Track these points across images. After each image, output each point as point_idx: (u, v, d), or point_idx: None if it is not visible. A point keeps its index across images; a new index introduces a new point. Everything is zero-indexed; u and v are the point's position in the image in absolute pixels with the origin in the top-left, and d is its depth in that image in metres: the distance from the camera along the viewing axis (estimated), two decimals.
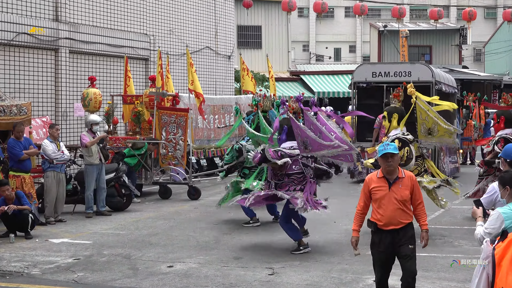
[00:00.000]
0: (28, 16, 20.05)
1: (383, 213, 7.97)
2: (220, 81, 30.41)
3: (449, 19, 61.93)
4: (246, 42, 44.55)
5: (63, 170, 15.36)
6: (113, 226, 14.73)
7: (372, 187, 8.05)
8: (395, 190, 7.91)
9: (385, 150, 7.84)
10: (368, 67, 22.57)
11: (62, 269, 10.88)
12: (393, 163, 7.89)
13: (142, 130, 19.93)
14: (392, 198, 7.91)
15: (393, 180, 7.95)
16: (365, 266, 10.68)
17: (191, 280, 10.04)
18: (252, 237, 13.26)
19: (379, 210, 8.00)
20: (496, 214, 6.49)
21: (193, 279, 10.07)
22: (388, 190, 7.92)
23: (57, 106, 21.10)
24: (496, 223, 6.48)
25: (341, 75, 43.76)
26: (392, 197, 7.91)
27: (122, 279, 10.21)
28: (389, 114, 13.70)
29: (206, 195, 19.30)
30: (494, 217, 6.51)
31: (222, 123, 22.99)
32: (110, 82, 23.34)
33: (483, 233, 6.54)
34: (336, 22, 66.17)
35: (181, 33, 27.61)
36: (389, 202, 7.91)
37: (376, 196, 7.99)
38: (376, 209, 8.03)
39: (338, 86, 42.36)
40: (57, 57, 21.08)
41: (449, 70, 40.09)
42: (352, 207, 14.77)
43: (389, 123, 13.68)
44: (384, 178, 7.98)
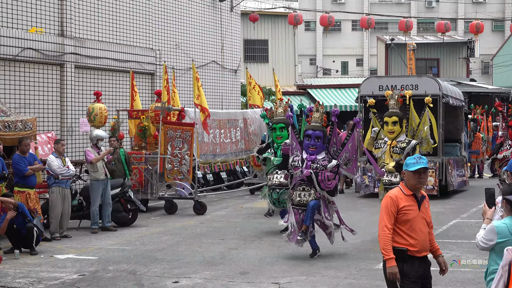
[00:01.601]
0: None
1: (417, 237, 7.03)
2: (226, 95, 30.45)
3: (456, 32, 61.95)
4: (253, 56, 44.62)
5: (68, 185, 15.38)
6: (119, 241, 14.73)
7: (402, 207, 7.03)
8: (423, 210, 7.14)
9: (418, 165, 7.02)
10: (374, 81, 22.58)
11: (67, 285, 10.87)
12: (424, 180, 7.08)
13: (148, 145, 19.95)
14: (422, 219, 7.09)
15: (420, 198, 7.16)
16: (372, 281, 10.66)
17: None
18: (258, 252, 13.24)
19: (412, 233, 7.02)
20: (491, 227, 6.51)
21: None
22: (418, 211, 7.07)
23: (63, 121, 21.15)
24: (490, 236, 6.53)
25: (348, 89, 43.73)
26: (422, 218, 7.10)
27: None
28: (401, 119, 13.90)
29: (212, 210, 19.28)
30: (488, 230, 6.54)
31: (228, 137, 23.00)
32: (116, 97, 23.40)
33: (480, 242, 6.59)
34: (343, 36, 66.22)
35: (187, 48, 27.69)
36: (421, 224, 7.08)
37: (408, 217, 7.01)
38: (407, 233, 7.02)
39: (345, 100, 42.35)
40: (62, 72, 21.15)
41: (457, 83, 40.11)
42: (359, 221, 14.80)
43: (401, 128, 13.87)
44: (413, 196, 7.09)
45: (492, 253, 6.61)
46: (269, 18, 44.68)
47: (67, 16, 21.38)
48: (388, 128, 13.91)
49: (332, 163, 12.30)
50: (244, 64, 37.12)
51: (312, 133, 12.39)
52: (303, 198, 12.39)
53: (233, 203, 21.08)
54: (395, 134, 13.85)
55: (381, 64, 51.08)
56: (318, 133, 12.38)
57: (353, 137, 12.71)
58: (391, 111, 14.02)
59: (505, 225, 6.50)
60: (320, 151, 12.42)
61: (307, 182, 12.37)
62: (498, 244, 6.48)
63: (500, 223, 6.54)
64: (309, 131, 12.45)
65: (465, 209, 18.75)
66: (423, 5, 65.20)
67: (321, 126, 12.53)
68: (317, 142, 12.36)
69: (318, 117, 12.63)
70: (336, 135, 12.86)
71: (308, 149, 12.41)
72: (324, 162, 12.31)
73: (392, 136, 13.86)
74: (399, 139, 13.80)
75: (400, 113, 14.04)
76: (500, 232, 6.48)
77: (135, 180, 18.79)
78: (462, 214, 17.91)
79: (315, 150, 12.38)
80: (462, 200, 21.11)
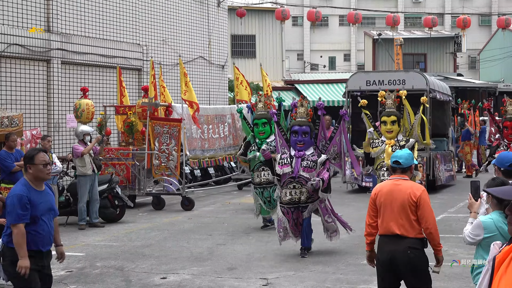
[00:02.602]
0: (19, 27, 20.04)
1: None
2: (213, 91, 30.43)
3: (443, 27, 62.10)
4: (240, 52, 44.57)
5: (55, 182, 15.33)
6: (106, 237, 14.70)
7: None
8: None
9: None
10: (362, 76, 22.62)
11: (55, 281, 10.79)
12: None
13: (135, 141, 19.91)
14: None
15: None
16: (359, 275, 10.68)
17: None
18: (246, 247, 13.24)
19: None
20: (478, 222, 6.54)
21: None
22: None
23: (49, 117, 21.08)
24: (477, 231, 6.56)
25: (336, 84, 43.76)
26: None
27: None
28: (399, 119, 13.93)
29: (200, 206, 19.27)
30: (475, 225, 6.57)
31: (216, 133, 22.97)
32: (103, 93, 23.33)
33: (468, 237, 6.62)
34: (331, 31, 66.29)
35: (174, 43, 27.63)
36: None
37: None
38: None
39: (333, 95, 42.37)
40: (49, 68, 21.07)
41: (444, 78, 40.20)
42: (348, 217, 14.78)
43: (399, 127, 13.86)
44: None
45: (479, 248, 6.64)
46: (256, 14, 44.66)
47: (53, 12, 21.28)
48: (386, 127, 13.85)
49: (321, 158, 12.17)
50: (231, 59, 37.08)
51: (298, 129, 12.14)
52: (294, 196, 12.16)
53: (220, 198, 21.07)
54: (393, 134, 13.81)
55: (368, 59, 51.16)
56: (305, 128, 12.14)
57: (340, 130, 12.52)
58: (389, 111, 13.97)
59: (492, 220, 6.52)
60: (308, 147, 12.23)
61: (297, 180, 12.13)
62: (485, 239, 6.50)
63: (486, 218, 6.56)
64: (295, 127, 12.18)
65: (452, 204, 18.82)
66: (410, 0, 65.39)
67: (307, 121, 12.28)
68: (305, 137, 12.13)
69: (303, 112, 12.32)
70: (324, 129, 12.72)
71: (296, 146, 12.18)
72: (313, 157, 12.14)
73: (390, 135, 13.80)
74: (397, 138, 13.80)
75: (398, 112, 14.05)
76: (487, 227, 6.51)
77: (122, 176, 18.75)
78: (450, 208, 17.97)
79: (303, 146, 12.16)
80: (449, 194, 21.19)
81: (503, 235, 6.39)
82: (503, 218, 6.44)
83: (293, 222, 12.26)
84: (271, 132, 14.97)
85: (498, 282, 3.62)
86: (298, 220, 12.30)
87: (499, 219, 6.48)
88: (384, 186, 7.55)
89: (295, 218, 12.26)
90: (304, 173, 12.04)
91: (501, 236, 6.39)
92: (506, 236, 6.37)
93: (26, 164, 7.29)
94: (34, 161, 7.24)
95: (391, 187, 7.43)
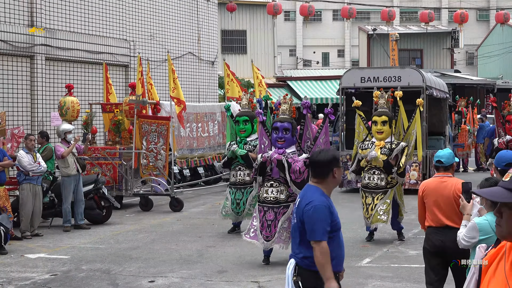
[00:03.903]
0: (1, 22, 19.98)
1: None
2: (203, 88, 30.41)
3: (440, 22, 62.22)
4: (231, 47, 44.58)
5: (39, 182, 15.28)
6: (92, 240, 14.68)
7: None
8: None
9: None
10: (356, 72, 22.64)
11: (39, 285, 10.82)
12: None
13: (122, 140, 19.89)
14: None
15: None
16: (354, 278, 10.70)
17: None
18: (237, 249, 13.25)
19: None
20: (472, 225, 6.59)
21: None
22: None
23: (33, 115, 21.03)
24: (472, 233, 6.60)
25: (329, 81, 43.82)
26: None
27: None
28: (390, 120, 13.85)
29: (189, 207, 19.26)
30: (470, 227, 6.61)
31: (206, 131, 22.97)
32: (88, 90, 23.29)
33: (462, 240, 6.66)
34: (324, 26, 66.34)
35: (162, 39, 27.61)
36: None
37: None
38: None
39: (326, 92, 42.42)
40: (32, 64, 21.02)
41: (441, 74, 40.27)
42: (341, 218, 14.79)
43: (390, 128, 13.75)
44: None
45: (474, 250, 6.67)
46: (247, 8, 44.65)
47: (37, 6, 21.22)
48: (377, 127, 13.72)
49: (302, 156, 11.59)
50: (221, 55, 37.07)
51: (280, 125, 11.67)
52: (270, 195, 11.79)
53: (210, 199, 21.07)
54: (384, 135, 13.68)
55: (363, 55, 51.22)
56: (286, 125, 11.65)
57: (326, 131, 11.86)
58: (381, 111, 13.87)
59: (487, 222, 6.56)
60: (289, 145, 11.72)
61: (275, 178, 11.78)
62: (481, 241, 6.53)
63: (481, 220, 6.60)
64: (276, 123, 11.74)
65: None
66: None
67: (289, 117, 11.84)
68: (285, 134, 11.64)
69: (286, 109, 11.88)
70: (310, 129, 12.38)
71: (276, 143, 11.71)
72: (294, 156, 11.62)
73: (380, 136, 13.67)
74: (387, 140, 13.71)
75: (390, 113, 13.99)
76: (482, 229, 6.55)
77: (109, 176, 18.73)
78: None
79: (284, 144, 11.65)
80: None
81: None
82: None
83: (266, 224, 11.82)
84: (253, 131, 14.85)
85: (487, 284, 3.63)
86: (273, 222, 11.81)
87: (494, 220, 6.50)
88: (430, 183, 8.52)
89: (269, 220, 11.81)
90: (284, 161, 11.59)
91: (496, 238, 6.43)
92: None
93: (333, 168, 6.31)
94: (339, 164, 6.47)
95: (437, 184, 8.38)
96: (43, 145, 16.75)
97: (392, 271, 11.21)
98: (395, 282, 10.48)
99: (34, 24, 21.12)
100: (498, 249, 3.71)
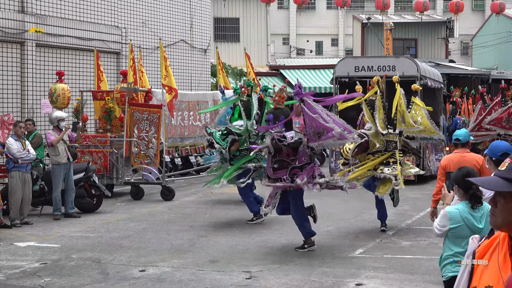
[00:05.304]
0: None
1: None
2: (195, 76, 30.37)
3: (435, 11, 62.19)
4: (223, 35, 44.49)
5: (28, 170, 15.25)
6: (82, 228, 14.67)
7: None
8: None
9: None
10: (350, 61, 22.65)
11: (28, 274, 10.81)
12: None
13: (113, 128, 19.86)
14: None
15: None
16: (346, 269, 10.72)
17: (164, 285, 10.01)
18: (229, 239, 13.25)
19: None
20: (444, 213, 6.67)
21: (166, 284, 10.04)
22: None
23: (23, 102, 20.98)
24: (443, 222, 6.68)
25: (323, 70, 43.78)
26: None
27: (92, 284, 10.16)
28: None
29: (181, 196, 19.27)
30: (442, 216, 6.70)
31: (197, 120, 22.95)
32: (79, 77, 23.24)
33: (435, 228, 6.74)
34: (318, 14, 66.22)
35: (154, 26, 27.54)
36: None
37: None
38: None
39: (320, 81, 42.41)
40: (23, 50, 20.96)
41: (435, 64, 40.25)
42: (334, 208, 14.86)
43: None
44: None
45: (446, 239, 6.81)
46: None
47: None
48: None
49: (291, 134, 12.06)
50: (214, 43, 37.00)
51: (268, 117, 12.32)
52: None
53: (202, 188, 21.00)
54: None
55: (357, 44, 51.18)
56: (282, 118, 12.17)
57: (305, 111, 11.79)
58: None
59: (458, 211, 6.64)
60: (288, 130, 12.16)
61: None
62: (451, 229, 6.66)
63: (452, 209, 6.68)
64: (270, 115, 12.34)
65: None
66: None
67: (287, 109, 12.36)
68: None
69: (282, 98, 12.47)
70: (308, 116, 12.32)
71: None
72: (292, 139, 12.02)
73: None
74: None
75: None
76: (453, 217, 6.63)
77: (99, 165, 18.70)
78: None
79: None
80: None
81: (468, 226, 6.57)
82: (469, 208, 6.64)
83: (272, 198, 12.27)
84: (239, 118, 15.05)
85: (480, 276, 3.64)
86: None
87: (465, 209, 6.64)
88: (452, 157, 9.95)
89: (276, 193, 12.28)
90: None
91: (467, 227, 6.56)
92: (471, 227, 6.53)
93: None
94: None
95: (459, 158, 9.83)
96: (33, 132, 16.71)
97: (385, 262, 11.23)
98: (388, 273, 10.50)
99: (25, 10, 21.03)
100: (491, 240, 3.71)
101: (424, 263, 11.09)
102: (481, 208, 6.63)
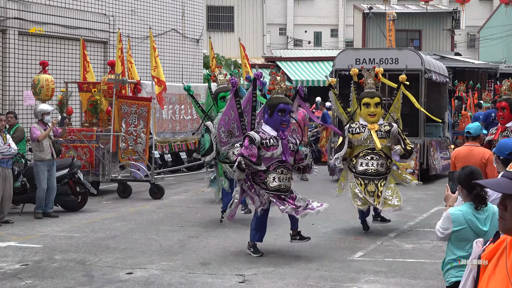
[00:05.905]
0: None
1: None
2: (187, 67, 30.34)
3: (440, 1, 62.27)
4: (217, 25, 44.47)
5: (9, 165, 15.18)
6: (66, 228, 14.64)
7: None
8: None
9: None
10: (351, 53, 22.64)
11: (8, 276, 10.78)
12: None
13: (100, 121, 19.81)
14: None
15: None
16: (345, 273, 10.71)
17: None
18: (221, 240, 13.23)
19: None
20: (446, 215, 6.65)
21: (155, 287, 10.02)
22: None
23: (4, 94, 20.95)
24: (446, 224, 6.65)
25: (322, 62, 43.81)
26: None
27: (76, 287, 10.13)
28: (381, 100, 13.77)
29: (171, 194, 19.25)
30: (444, 218, 6.67)
31: (189, 114, 22.92)
32: (64, 68, 23.20)
33: (438, 231, 6.71)
34: (316, 3, 66.26)
35: (144, 14, 27.50)
36: None
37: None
38: None
39: (318, 74, 42.42)
40: (4, 39, 20.92)
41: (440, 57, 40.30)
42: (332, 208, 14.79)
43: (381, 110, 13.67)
44: None
45: (449, 242, 6.78)
46: None
47: None
48: (369, 110, 13.49)
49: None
50: (207, 33, 36.97)
51: (287, 108, 11.79)
52: (282, 183, 11.77)
53: (193, 186, 21.05)
54: (376, 118, 13.47)
55: (357, 36, 51.21)
56: (290, 107, 11.92)
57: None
58: (371, 92, 13.57)
59: (461, 212, 6.61)
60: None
61: (285, 165, 11.80)
62: (454, 232, 6.62)
63: (455, 210, 6.65)
64: (283, 105, 11.73)
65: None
66: None
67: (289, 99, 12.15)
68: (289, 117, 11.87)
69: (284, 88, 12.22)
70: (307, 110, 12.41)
71: (281, 126, 11.79)
72: (292, 140, 12.01)
73: (373, 119, 13.47)
74: (379, 122, 13.59)
75: (379, 93, 13.92)
76: (456, 219, 6.59)
77: (85, 160, 18.67)
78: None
79: (285, 127, 11.89)
80: (445, 185, 21.17)
81: (472, 229, 6.54)
82: (472, 209, 6.60)
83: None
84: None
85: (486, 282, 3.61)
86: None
87: (469, 211, 6.60)
88: (461, 150, 10.83)
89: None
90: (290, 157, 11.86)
91: (471, 230, 6.53)
92: (475, 230, 6.50)
93: None
94: None
95: (468, 151, 10.68)
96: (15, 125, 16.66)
97: (386, 266, 11.22)
98: (389, 277, 10.49)
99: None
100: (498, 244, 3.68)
101: (427, 267, 11.08)
102: (485, 210, 6.61)
